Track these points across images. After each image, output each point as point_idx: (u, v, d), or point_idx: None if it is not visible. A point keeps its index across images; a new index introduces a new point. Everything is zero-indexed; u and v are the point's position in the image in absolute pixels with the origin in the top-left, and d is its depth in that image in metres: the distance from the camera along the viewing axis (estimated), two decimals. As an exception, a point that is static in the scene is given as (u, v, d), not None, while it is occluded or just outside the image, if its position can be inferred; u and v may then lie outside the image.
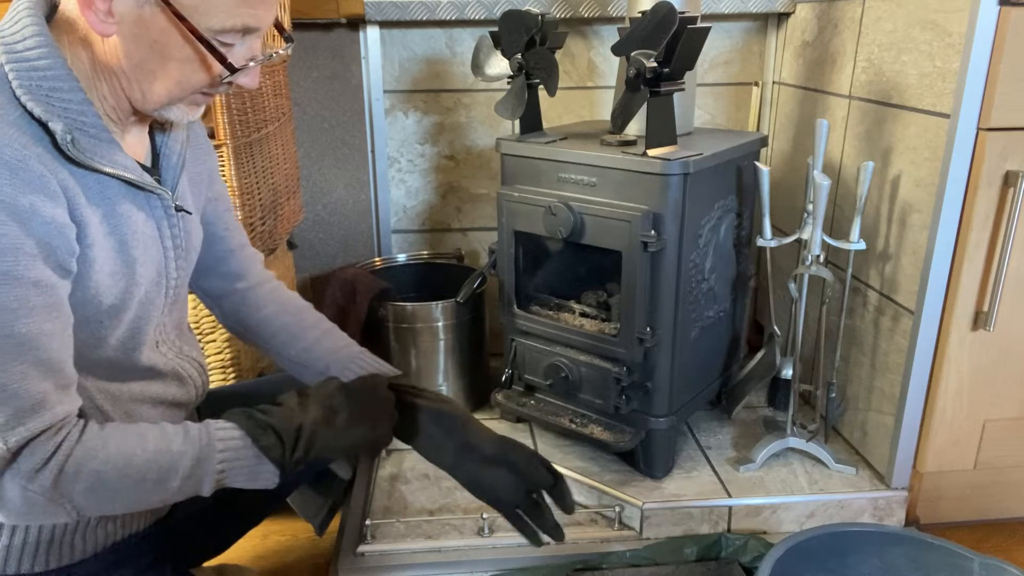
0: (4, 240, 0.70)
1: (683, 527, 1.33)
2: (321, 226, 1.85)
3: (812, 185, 1.28)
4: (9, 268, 0.70)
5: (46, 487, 0.73)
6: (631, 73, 1.17)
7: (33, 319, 0.72)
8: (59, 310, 0.75)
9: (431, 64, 1.75)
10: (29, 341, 0.72)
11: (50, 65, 0.74)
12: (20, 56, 0.73)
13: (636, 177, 1.25)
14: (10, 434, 0.72)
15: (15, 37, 0.74)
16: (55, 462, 0.73)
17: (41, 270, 0.73)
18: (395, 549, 1.28)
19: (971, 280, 1.23)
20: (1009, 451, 1.36)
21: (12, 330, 0.71)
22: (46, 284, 0.73)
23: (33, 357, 0.73)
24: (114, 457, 0.76)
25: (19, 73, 0.73)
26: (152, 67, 0.77)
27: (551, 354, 1.41)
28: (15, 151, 0.71)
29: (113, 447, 0.77)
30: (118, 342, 0.86)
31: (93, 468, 0.75)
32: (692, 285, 1.34)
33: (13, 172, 0.70)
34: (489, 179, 1.84)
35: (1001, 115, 1.14)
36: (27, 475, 0.73)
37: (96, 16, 0.74)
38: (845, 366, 1.49)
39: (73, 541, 0.89)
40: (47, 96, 0.74)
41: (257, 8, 0.77)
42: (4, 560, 0.85)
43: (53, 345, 0.75)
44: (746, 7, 1.68)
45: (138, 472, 0.77)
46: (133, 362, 0.89)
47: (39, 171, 0.72)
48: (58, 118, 0.74)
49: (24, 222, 0.71)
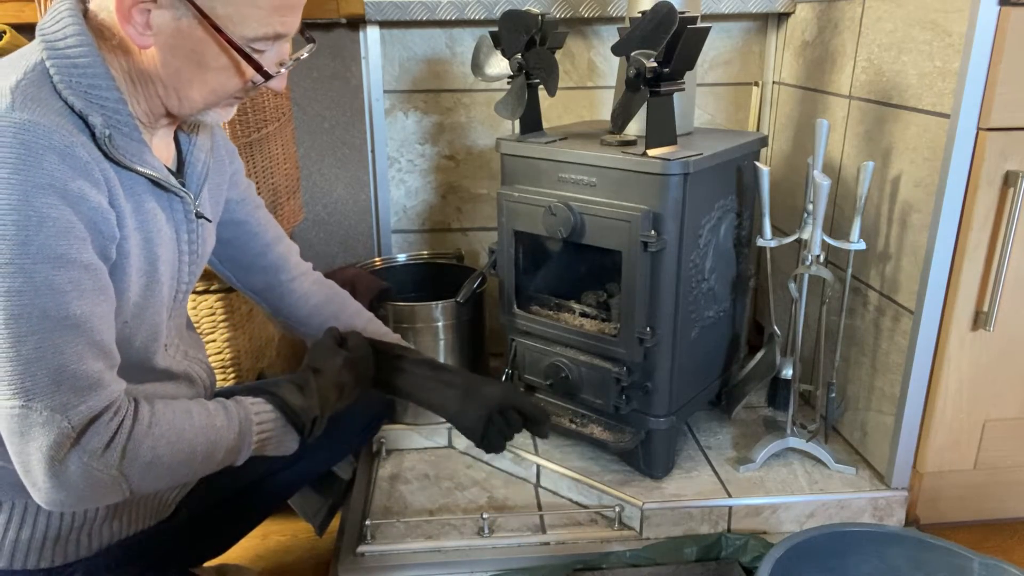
0: (59, 223, 0.71)
1: (683, 527, 1.33)
2: (321, 226, 1.85)
3: (812, 185, 1.28)
4: (64, 251, 0.72)
5: (112, 464, 0.76)
6: (631, 73, 1.17)
7: (85, 301, 0.74)
8: (106, 293, 0.78)
9: (431, 64, 1.75)
10: (84, 323, 0.74)
11: (89, 63, 0.76)
12: (62, 53, 0.76)
13: (636, 177, 1.25)
14: (73, 413, 0.73)
15: (57, 35, 0.76)
16: (119, 439, 0.76)
17: (90, 253, 0.75)
18: (395, 549, 1.28)
19: (971, 280, 1.23)
20: (1009, 451, 1.36)
21: (68, 311, 0.73)
22: (95, 267, 0.75)
23: (87, 338, 0.75)
24: (168, 433, 0.80)
25: (60, 68, 0.75)
26: (189, 76, 0.80)
27: (551, 354, 1.41)
28: (63, 137, 0.72)
29: (166, 424, 0.80)
30: (140, 343, 0.88)
31: (150, 445, 0.78)
32: (692, 285, 1.34)
33: (62, 157, 0.72)
34: (489, 179, 1.84)
35: (1001, 115, 1.14)
36: (93, 453, 0.75)
37: (135, 30, 0.76)
38: (845, 366, 1.49)
39: (79, 539, 0.90)
40: (86, 92, 0.76)
41: (287, 15, 0.80)
42: (11, 555, 0.86)
43: (103, 327, 0.77)
44: (746, 7, 1.68)
45: (189, 446, 0.82)
46: (152, 364, 0.91)
47: (85, 158, 0.74)
48: (97, 113, 0.76)
49: (74, 205, 0.73)
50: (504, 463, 1.50)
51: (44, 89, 0.75)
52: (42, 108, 0.73)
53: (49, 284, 0.71)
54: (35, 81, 0.74)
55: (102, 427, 0.75)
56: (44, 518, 0.87)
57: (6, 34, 1.28)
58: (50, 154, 0.71)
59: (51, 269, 0.71)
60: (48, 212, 0.70)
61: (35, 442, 0.73)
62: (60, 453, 0.73)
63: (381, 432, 1.54)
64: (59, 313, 0.72)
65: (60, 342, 0.73)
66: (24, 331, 0.71)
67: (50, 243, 0.71)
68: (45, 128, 0.71)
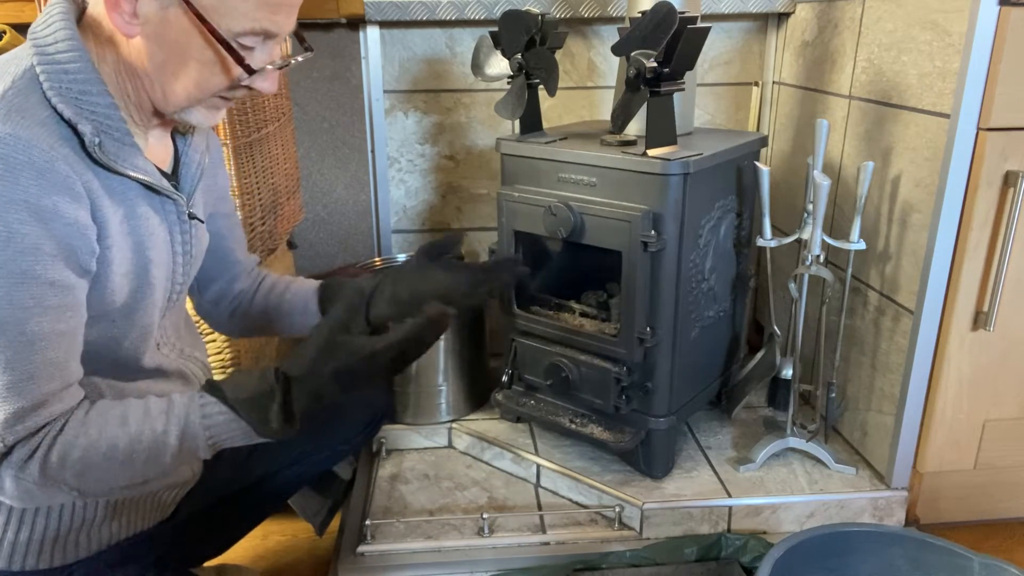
0: (26, 240, 0.71)
1: (683, 527, 1.33)
2: (321, 226, 1.85)
3: (812, 185, 1.28)
4: (28, 267, 0.71)
5: (35, 476, 0.75)
6: (631, 73, 1.17)
7: (46, 318, 0.74)
8: (73, 310, 0.77)
9: (431, 64, 1.75)
10: (40, 340, 0.73)
11: (80, 68, 0.76)
12: (51, 59, 0.75)
13: (636, 177, 1.25)
14: (9, 432, 0.74)
15: (47, 40, 0.76)
16: (40, 452, 0.75)
17: (59, 270, 0.74)
18: (395, 549, 1.28)
19: (971, 280, 1.23)
20: (1009, 451, 1.36)
21: (25, 328, 0.72)
22: (63, 284, 0.75)
23: (42, 357, 0.74)
24: (96, 442, 0.77)
25: (50, 75, 0.75)
26: (173, 68, 0.79)
27: (551, 354, 1.41)
28: (43, 152, 0.72)
29: (94, 433, 0.77)
30: (130, 343, 0.87)
31: (76, 456, 0.76)
32: (692, 285, 1.34)
33: (40, 173, 0.71)
34: (489, 179, 1.84)
35: (1001, 115, 1.14)
36: (17, 465, 0.75)
37: (122, 18, 0.76)
38: (845, 366, 1.49)
39: (78, 539, 0.90)
40: (76, 99, 0.75)
41: (277, 14, 0.79)
42: (9, 556, 0.86)
43: (62, 345, 0.76)
44: (746, 7, 1.68)
45: (124, 454, 0.78)
46: (141, 363, 0.90)
47: (65, 172, 0.73)
48: (87, 120, 0.76)
49: (46, 222, 0.72)
50: (504, 463, 1.50)
51: (31, 97, 0.74)
52: (26, 120, 0.72)
53: (8, 300, 0.71)
54: (23, 89, 0.74)
55: (28, 439, 0.75)
56: (43, 519, 0.87)
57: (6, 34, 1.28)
58: (27, 169, 0.70)
59: (12, 285, 0.71)
60: (18, 228, 0.70)
61: None
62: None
63: (381, 432, 1.54)
64: (16, 329, 0.72)
65: (13, 359, 0.72)
66: None
67: (16, 259, 0.70)
68: (26, 142, 0.71)
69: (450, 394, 1.59)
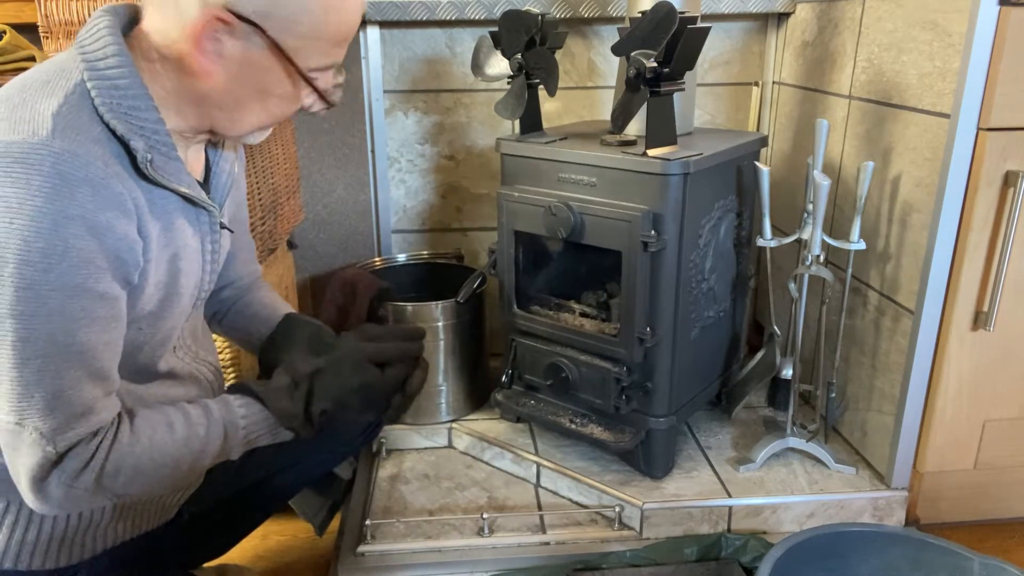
0: (82, 254, 0.72)
1: (683, 527, 1.33)
2: (321, 226, 1.85)
3: (812, 185, 1.28)
4: (82, 280, 0.73)
5: (89, 486, 0.78)
6: (631, 73, 1.17)
7: (94, 329, 0.75)
8: (118, 321, 0.79)
9: (431, 64, 1.75)
10: (88, 350, 0.75)
11: (130, 85, 0.77)
12: (102, 74, 0.76)
13: (636, 177, 1.25)
14: (60, 439, 0.75)
15: (97, 55, 0.77)
16: (95, 462, 0.77)
17: (108, 283, 0.76)
18: (395, 549, 1.28)
19: (971, 280, 1.23)
20: (1009, 451, 1.36)
21: (74, 338, 0.74)
22: (111, 297, 0.77)
23: (89, 366, 0.76)
24: (148, 450, 0.81)
25: (101, 91, 0.76)
26: (249, 102, 0.82)
27: (551, 354, 1.41)
28: (99, 169, 0.73)
29: (146, 441, 0.81)
30: (151, 348, 0.89)
31: (130, 464, 0.80)
32: (692, 285, 1.34)
33: (95, 189, 0.73)
34: (489, 179, 1.84)
35: (1001, 115, 1.14)
36: (72, 475, 0.77)
37: (206, 58, 0.77)
38: (845, 366, 1.49)
39: (83, 540, 0.90)
40: (127, 115, 0.77)
41: (343, 47, 0.84)
42: (16, 555, 0.87)
43: (107, 355, 0.78)
44: (746, 7, 1.68)
45: (173, 460, 0.83)
46: (157, 367, 0.91)
47: (118, 190, 0.75)
48: (139, 137, 0.77)
49: (100, 237, 0.73)
50: (504, 463, 1.50)
51: (84, 114, 0.75)
52: (81, 136, 0.73)
53: (61, 311, 0.73)
54: (76, 105, 0.75)
55: (82, 449, 0.77)
56: (49, 520, 0.87)
57: (6, 34, 1.28)
58: (84, 186, 0.72)
59: (66, 297, 0.72)
60: (74, 243, 0.72)
61: (22, 459, 0.76)
62: (42, 473, 0.76)
63: (381, 432, 1.54)
64: (66, 340, 0.73)
65: (62, 368, 0.74)
66: (29, 354, 0.72)
67: (70, 272, 0.72)
68: (83, 160, 0.72)
69: (450, 394, 1.59)
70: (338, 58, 0.84)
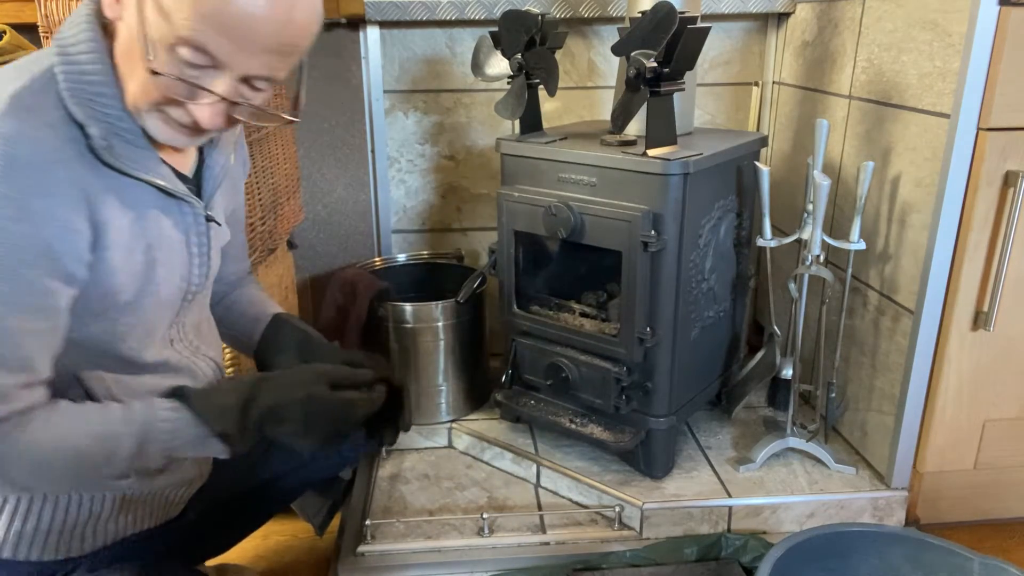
0: (12, 237, 0.71)
1: (683, 527, 1.33)
2: (321, 226, 1.85)
3: (812, 185, 1.28)
4: (10, 264, 0.72)
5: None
6: (631, 73, 1.17)
7: (18, 316, 0.73)
8: (48, 313, 0.76)
9: (431, 64, 1.75)
10: (9, 335, 0.74)
11: (98, 71, 0.76)
12: (72, 59, 0.76)
13: (636, 177, 1.25)
14: None
15: (70, 40, 0.77)
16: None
17: (39, 273, 0.74)
18: (395, 549, 1.28)
19: (971, 280, 1.23)
20: (1009, 451, 1.36)
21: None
22: (41, 288, 0.74)
23: (9, 352, 0.74)
24: (54, 443, 0.77)
25: (69, 76, 0.75)
26: (132, 63, 0.76)
27: (551, 354, 1.41)
28: (44, 154, 0.72)
29: (53, 433, 0.77)
30: (134, 340, 0.87)
31: (31, 457, 0.76)
32: (692, 285, 1.34)
33: (36, 173, 0.72)
34: (489, 179, 1.84)
35: (1001, 115, 1.14)
36: None
37: (112, 11, 0.76)
38: (845, 366, 1.49)
39: (83, 533, 0.90)
40: (90, 100, 0.76)
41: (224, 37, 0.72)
42: (15, 546, 0.87)
43: (33, 344, 0.76)
44: (746, 7, 1.68)
45: (77, 456, 0.78)
46: (144, 359, 0.90)
47: (62, 176, 0.73)
48: (97, 123, 0.76)
49: (36, 223, 0.72)
50: (504, 463, 1.50)
51: (46, 97, 0.74)
52: (34, 119, 0.72)
53: None
54: (39, 89, 0.74)
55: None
56: (49, 511, 0.87)
57: (6, 34, 1.28)
58: (26, 168, 0.71)
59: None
60: (5, 224, 0.70)
61: None
62: None
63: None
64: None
65: None
66: None
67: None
68: (29, 140, 0.71)
69: (450, 394, 1.59)
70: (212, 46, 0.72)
